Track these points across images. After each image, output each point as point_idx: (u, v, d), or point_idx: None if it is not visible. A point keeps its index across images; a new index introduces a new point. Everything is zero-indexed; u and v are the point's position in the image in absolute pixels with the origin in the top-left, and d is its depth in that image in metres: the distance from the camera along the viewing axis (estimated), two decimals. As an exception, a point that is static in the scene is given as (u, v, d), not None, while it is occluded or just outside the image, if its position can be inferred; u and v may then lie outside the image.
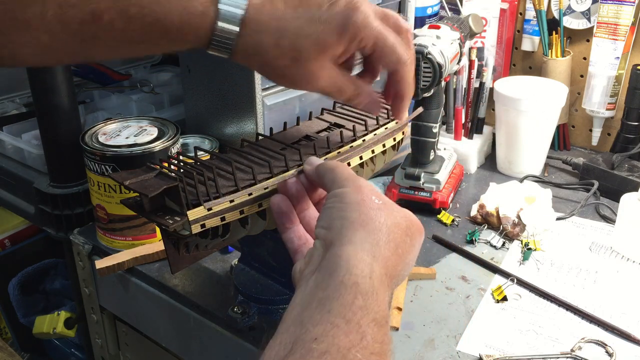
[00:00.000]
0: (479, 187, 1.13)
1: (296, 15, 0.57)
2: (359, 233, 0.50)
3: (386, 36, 0.60)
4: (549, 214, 1.00)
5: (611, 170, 1.09)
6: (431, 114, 1.00)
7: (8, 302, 1.37)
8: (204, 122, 1.05)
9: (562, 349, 0.76)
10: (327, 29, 0.58)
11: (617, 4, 1.11)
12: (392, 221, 0.52)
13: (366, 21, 0.59)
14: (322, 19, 0.58)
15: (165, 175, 0.59)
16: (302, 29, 0.57)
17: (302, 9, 0.58)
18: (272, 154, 0.66)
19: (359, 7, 0.58)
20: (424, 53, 0.93)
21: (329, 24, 0.58)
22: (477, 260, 0.93)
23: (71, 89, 0.97)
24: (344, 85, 0.63)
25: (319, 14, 0.58)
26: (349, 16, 0.58)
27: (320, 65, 0.60)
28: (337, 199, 0.53)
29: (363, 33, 0.59)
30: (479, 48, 1.18)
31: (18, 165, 1.13)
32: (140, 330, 0.98)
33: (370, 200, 0.52)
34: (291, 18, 0.57)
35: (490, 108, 1.23)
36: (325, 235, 0.51)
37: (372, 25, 0.59)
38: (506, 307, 0.84)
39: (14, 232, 1.42)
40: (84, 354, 1.34)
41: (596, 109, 1.19)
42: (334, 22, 0.58)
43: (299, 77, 0.60)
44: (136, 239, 0.92)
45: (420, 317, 0.81)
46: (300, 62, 0.58)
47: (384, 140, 0.73)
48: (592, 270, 0.91)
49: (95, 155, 0.87)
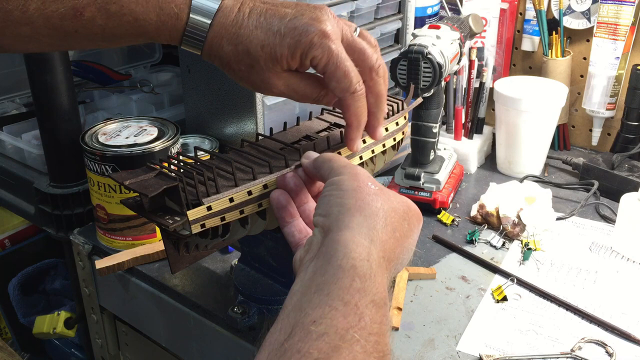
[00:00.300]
0: (479, 187, 1.13)
1: (257, 24, 0.59)
2: (356, 218, 0.50)
3: (340, 62, 0.60)
4: (549, 214, 1.00)
5: (611, 170, 1.09)
6: (431, 114, 1.00)
7: (8, 302, 1.37)
8: (204, 122, 1.05)
9: (562, 349, 0.76)
10: (282, 42, 0.59)
11: (617, 4, 1.11)
12: (389, 206, 0.52)
13: (322, 41, 0.59)
14: (281, 32, 0.59)
15: (165, 175, 0.59)
16: (259, 39, 0.59)
17: (264, 19, 0.60)
18: (272, 154, 0.66)
19: (320, 25, 0.59)
20: (424, 53, 0.93)
21: (285, 37, 0.59)
22: (477, 260, 0.93)
23: (71, 89, 0.97)
24: (306, 89, 0.64)
25: (279, 26, 0.59)
26: (306, 33, 0.59)
27: (275, 74, 0.61)
28: (334, 186, 0.54)
29: (315, 52, 0.59)
30: (479, 48, 1.18)
31: (18, 165, 1.13)
32: (140, 330, 0.98)
33: (367, 186, 0.53)
34: (253, 27, 0.59)
35: (490, 108, 1.23)
36: (324, 223, 0.51)
37: (327, 47, 0.59)
38: (506, 307, 0.83)
39: (14, 232, 1.42)
40: (84, 354, 1.34)
41: (596, 109, 1.19)
42: (289, 37, 0.59)
43: (258, 83, 0.62)
44: (136, 239, 0.92)
45: (420, 317, 0.81)
46: (256, 69, 0.60)
47: (384, 140, 0.73)
48: (592, 270, 0.91)
49: (95, 155, 0.87)
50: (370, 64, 0.62)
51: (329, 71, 0.60)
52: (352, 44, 0.62)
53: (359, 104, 0.63)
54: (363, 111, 0.63)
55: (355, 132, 0.65)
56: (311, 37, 0.59)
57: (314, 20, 0.59)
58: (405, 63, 0.95)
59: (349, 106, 0.63)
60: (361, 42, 0.62)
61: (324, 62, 0.60)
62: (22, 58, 0.94)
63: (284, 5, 0.61)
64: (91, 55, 1.36)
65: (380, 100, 0.65)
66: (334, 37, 0.60)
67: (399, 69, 0.95)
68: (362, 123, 0.64)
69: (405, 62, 0.95)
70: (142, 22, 0.57)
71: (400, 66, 0.95)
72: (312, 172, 0.61)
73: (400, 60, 0.95)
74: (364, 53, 0.62)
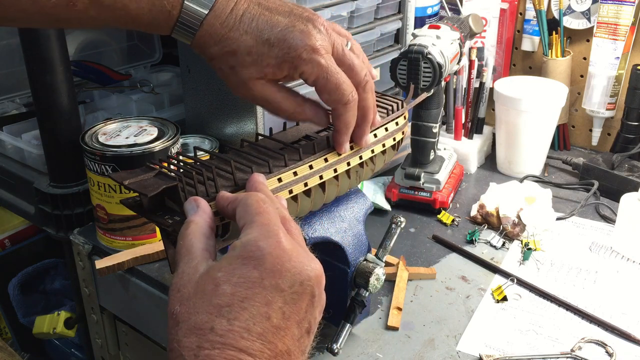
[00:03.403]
0: (479, 187, 1.13)
1: (247, 29, 0.59)
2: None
3: (330, 75, 0.60)
4: (549, 214, 1.00)
5: (611, 170, 1.09)
6: (431, 114, 1.00)
7: (8, 302, 1.37)
8: (204, 122, 1.05)
9: (562, 349, 0.76)
10: (270, 53, 0.59)
11: (617, 4, 1.11)
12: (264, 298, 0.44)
13: (311, 57, 0.59)
14: (270, 41, 0.59)
15: (164, 175, 0.59)
16: (248, 44, 0.59)
17: (256, 24, 0.59)
18: (272, 154, 0.66)
19: (310, 41, 0.59)
20: (424, 53, 0.93)
21: (274, 48, 0.59)
22: (477, 260, 0.93)
23: (71, 89, 0.97)
24: (282, 102, 0.63)
25: (269, 35, 0.59)
26: (295, 47, 0.59)
27: (256, 81, 0.61)
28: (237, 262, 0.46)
29: (305, 67, 0.59)
30: (479, 48, 1.18)
31: (18, 165, 1.12)
32: (140, 330, 0.98)
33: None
34: (243, 31, 0.59)
35: (490, 108, 1.23)
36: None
37: (317, 62, 0.59)
38: (506, 307, 0.83)
39: (14, 232, 1.42)
40: (84, 354, 1.34)
41: (596, 109, 1.19)
42: (277, 48, 0.59)
43: (235, 85, 0.62)
44: (136, 239, 0.92)
45: (420, 317, 0.81)
46: (237, 72, 0.60)
47: (383, 140, 0.73)
48: (592, 270, 0.91)
49: (95, 155, 0.87)
50: (358, 80, 0.63)
51: (320, 85, 0.61)
52: (342, 58, 0.62)
53: (350, 113, 0.63)
54: (353, 119, 0.64)
55: (344, 137, 0.66)
56: (300, 52, 0.59)
57: (304, 35, 0.59)
58: (405, 63, 0.95)
59: (340, 115, 0.63)
60: (351, 56, 0.62)
61: (313, 77, 0.60)
62: (22, 58, 0.94)
63: (278, 11, 0.60)
64: (91, 55, 1.36)
65: (366, 113, 0.65)
66: (323, 52, 0.60)
67: (399, 69, 0.96)
68: (350, 129, 0.65)
69: (405, 62, 0.95)
70: (135, 16, 0.57)
71: (400, 66, 0.95)
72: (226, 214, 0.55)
73: (400, 60, 0.95)
74: (352, 69, 0.62)
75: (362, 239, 0.74)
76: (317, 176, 0.66)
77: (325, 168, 0.67)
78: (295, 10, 0.61)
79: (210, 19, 0.59)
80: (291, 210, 0.66)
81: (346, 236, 0.72)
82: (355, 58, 0.63)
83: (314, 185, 0.66)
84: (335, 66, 0.60)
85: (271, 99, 0.63)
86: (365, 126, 0.67)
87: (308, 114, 0.65)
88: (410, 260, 0.93)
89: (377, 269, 0.72)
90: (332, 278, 0.73)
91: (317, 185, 0.67)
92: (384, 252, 0.74)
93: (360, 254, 0.73)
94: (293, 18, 0.60)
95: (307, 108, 0.65)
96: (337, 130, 0.65)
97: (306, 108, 0.65)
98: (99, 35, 1.40)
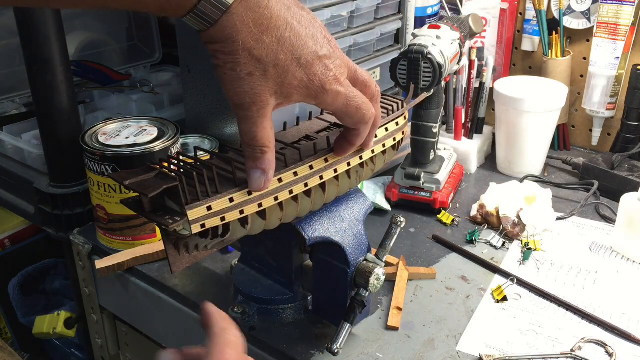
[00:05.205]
0: (479, 187, 1.13)
1: (279, 38, 0.53)
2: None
3: (350, 100, 0.58)
4: (549, 214, 1.00)
5: (611, 170, 1.09)
6: (431, 114, 1.00)
7: (8, 302, 1.37)
8: (204, 122, 1.05)
9: (562, 349, 0.76)
10: (296, 74, 0.54)
11: (617, 4, 1.11)
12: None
13: (332, 87, 0.56)
14: (300, 62, 0.54)
15: (165, 175, 0.59)
16: (277, 58, 0.53)
17: (288, 36, 0.53)
18: (272, 154, 0.66)
19: (331, 70, 0.56)
20: (424, 53, 0.93)
21: (300, 69, 0.54)
22: (477, 260, 0.93)
23: (71, 89, 0.97)
24: (258, 135, 0.57)
25: (300, 54, 0.54)
26: (320, 76, 0.55)
27: (269, 98, 0.55)
28: None
29: (326, 98, 0.57)
30: (479, 48, 1.18)
31: (18, 165, 1.13)
32: (140, 330, 0.98)
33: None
34: (275, 39, 0.53)
35: (490, 108, 1.23)
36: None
37: (337, 91, 0.57)
38: (506, 307, 0.84)
39: (14, 232, 1.42)
40: (84, 354, 1.35)
41: (596, 109, 1.19)
42: (304, 72, 0.54)
43: (237, 93, 0.56)
44: (136, 239, 0.92)
45: (420, 317, 0.81)
46: (253, 82, 0.54)
47: (384, 140, 0.73)
48: (592, 270, 0.91)
49: (95, 155, 0.87)
50: (372, 94, 0.62)
51: (341, 112, 0.60)
52: (355, 77, 0.60)
53: (369, 129, 0.63)
54: (366, 133, 0.64)
55: (351, 148, 0.66)
56: (324, 82, 0.55)
57: (325, 64, 0.55)
58: (405, 63, 0.95)
59: (360, 133, 0.63)
60: (360, 71, 0.61)
61: (334, 107, 0.59)
62: (22, 58, 0.94)
63: (301, 23, 0.54)
64: (91, 55, 1.36)
65: (376, 121, 0.65)
66: (342, 79, 0.58)
67: (399, 69, 0.96)
68: (361, 141, 0.65)
69: (405, 62, 0.95)
70: (145, 2, 0.51)
71: (400, 66, 0.95)
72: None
73: (400, 60, 0.95)
74: (365, 84, 0.61)
75: (362, 239, 0.74)
76: (318, 176, 0.66)
77: (326, 168, 0.67)
78: (313, 26, 0.56)
79: (239, 8, 0.51)
80: (291, 210, 0.66)
81: (346, 236, 0.72)
82: (363, 72, 0.62)
83: (315, 185, 0.66)
84: (353, 89, 0.59)
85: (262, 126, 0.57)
86: (369, 138, 0.67)
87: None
88: (410, 260, 0.93)
89: (377, 269, 0.72)
90: (332, 278, 0.74)
91: (318, 186, 0.67)
92: (384, 252, 0.74)
93: (360, 254, 0.73)
94: (314, 40, 0.55)
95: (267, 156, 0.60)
96: (349, 142, 0.65)
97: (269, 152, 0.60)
98: (99, 35, 1.40)
